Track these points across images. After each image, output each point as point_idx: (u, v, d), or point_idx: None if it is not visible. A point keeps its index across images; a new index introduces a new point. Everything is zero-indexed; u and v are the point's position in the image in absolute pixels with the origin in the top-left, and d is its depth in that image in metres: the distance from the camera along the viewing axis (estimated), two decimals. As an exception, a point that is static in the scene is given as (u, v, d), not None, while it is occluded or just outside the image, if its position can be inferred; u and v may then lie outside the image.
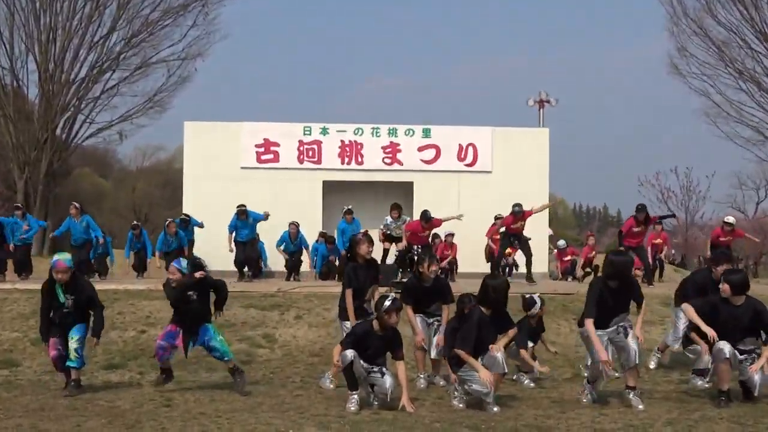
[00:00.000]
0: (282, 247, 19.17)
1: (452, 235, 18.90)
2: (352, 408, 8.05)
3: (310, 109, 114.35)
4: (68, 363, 9.16)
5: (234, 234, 17.69)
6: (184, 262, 9.30)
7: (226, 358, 9.23)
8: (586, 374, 8.90)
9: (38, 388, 9.37)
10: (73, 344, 9.14)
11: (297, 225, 19.03)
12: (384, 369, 8.34)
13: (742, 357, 8.47)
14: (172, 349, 9.21)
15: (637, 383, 8.54)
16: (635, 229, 16.69)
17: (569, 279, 20.61)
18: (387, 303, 8.33)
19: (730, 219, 18.09)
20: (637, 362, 8.34)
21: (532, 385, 9.54)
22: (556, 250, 22.54)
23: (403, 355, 8.44)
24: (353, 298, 9.24)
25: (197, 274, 9.02)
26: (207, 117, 45.19)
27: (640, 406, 8.21)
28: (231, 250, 17.61)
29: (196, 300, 9.13)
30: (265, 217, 17.64)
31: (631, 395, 8.36)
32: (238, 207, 17.61)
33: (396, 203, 18.05)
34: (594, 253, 21.30)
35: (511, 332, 8.56)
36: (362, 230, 12.64)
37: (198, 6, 38.14)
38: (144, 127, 45.31)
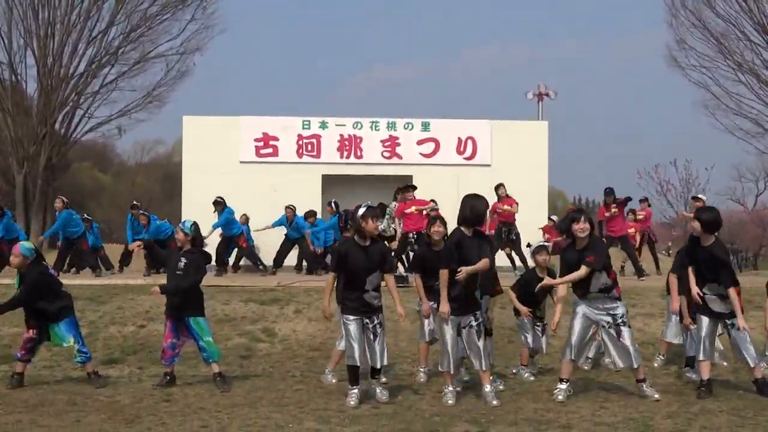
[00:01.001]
0: (282, 231, 18.98)
1: (434, 201, 18.26)
2: (352, 402, 8.05)
3: (308, 102, 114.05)
4: (76, 360, 9.31)
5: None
6: (188, 224, 9.34)
7: (211, 360, 9.21)
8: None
9: (38, 383, 9.36)
10: (74, 346, 9.19)
11: (293, 208, 18.87)
12: (378, 331, 8.30)
13: (729, 322, 8.60)
14: (179, 348, 9.26)
15: (646, 374, 8.61)
16: (607, 214, 17.14)
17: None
18: (362, 209, 8.28)
19: (701, 195, 18.27)
20: (639, 363, 8.42)
21: (532, 378, 9.54)
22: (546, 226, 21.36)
23: (391, 267, 8.56)
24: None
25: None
26: (204, 110, 45.08)
27: (656, 396, 8.31)
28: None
29: (183, 274, 9.10)
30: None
31: (644, 387, 8.45)
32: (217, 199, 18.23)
33: (378, 205, 17.96)
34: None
35: (482, 264, 8.25)
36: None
37: (196, 0, 38.10)
38: (143, 121, 45.12)
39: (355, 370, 8.19)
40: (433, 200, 17.47)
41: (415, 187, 16.68)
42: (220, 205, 18.05)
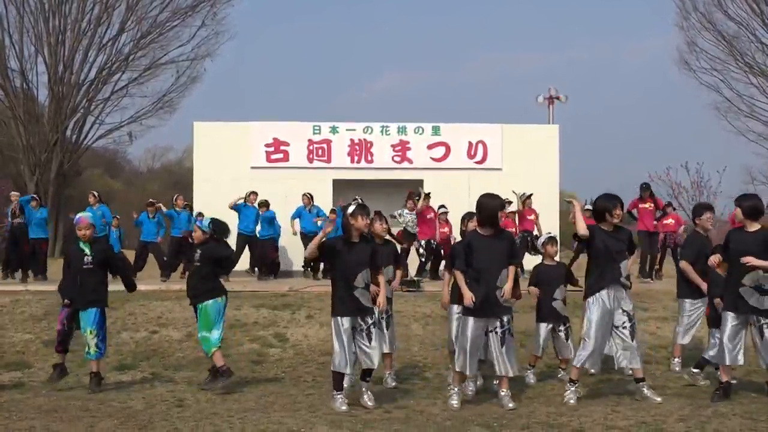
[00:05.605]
0: (298, 222, 19.00)
1: (446, 213, 18.49)
2: (344, 408, 7.98)
3: (318, 107, 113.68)
4: (87, 356, 9.31)
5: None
6: (206, 222, 9.49)
7: (209, 355, 9.26)
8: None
9: (51, 389, 9.39)
10: (91, 339, 9.22)
11: (311, 196, 19.03)
12: (373, 331, 8.11)
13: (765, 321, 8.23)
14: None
15: (645, 374, 8.54)
16: (642, 206, 17.84)
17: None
18: (351, 207, 8.21)
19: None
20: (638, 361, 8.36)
21: (532, 381, 9.53)
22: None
23: (379, 266, 8.41)
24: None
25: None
26: (214, 116, 45.23)
27: (657, 399, 8.21)
28: None
29: (200, 265, 9.25)
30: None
31: (644, 388, 8.36)
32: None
33: (411, 191, 18.32)
34: None
35: (511, 271, 8.21)
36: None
37: (206, 6, 38.23)
38: (153, 127, 45.28)
39: (341, 376, 8.16)
40: (443, 205, 17.78)
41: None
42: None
